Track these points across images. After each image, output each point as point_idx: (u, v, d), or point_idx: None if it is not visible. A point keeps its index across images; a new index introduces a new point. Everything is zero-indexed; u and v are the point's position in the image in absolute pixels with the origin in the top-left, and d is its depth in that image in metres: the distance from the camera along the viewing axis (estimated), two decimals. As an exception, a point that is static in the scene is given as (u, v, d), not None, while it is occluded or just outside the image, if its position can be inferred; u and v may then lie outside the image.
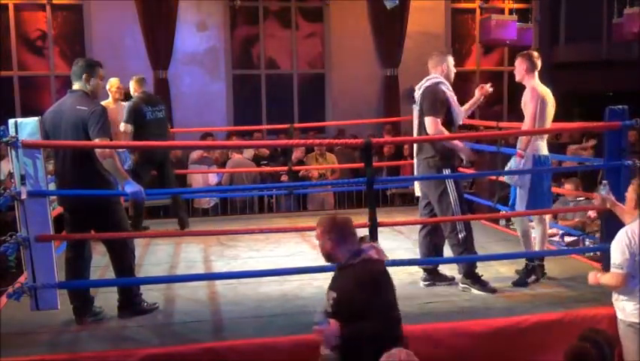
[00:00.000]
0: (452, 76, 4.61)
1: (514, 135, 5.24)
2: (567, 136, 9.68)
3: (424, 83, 4.58)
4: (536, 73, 4.54)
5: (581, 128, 8.76)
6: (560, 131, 8.59)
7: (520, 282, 4.52)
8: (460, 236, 4.44)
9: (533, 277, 4.53)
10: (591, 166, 6.29)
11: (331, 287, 3.00)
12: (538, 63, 4.55)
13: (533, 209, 4.54)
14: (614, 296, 3.57)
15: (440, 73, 4.56)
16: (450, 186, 4.45)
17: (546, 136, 4.67)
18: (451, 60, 4.62)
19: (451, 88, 4.56)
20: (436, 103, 4.43)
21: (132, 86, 6.46)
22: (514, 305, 4.12)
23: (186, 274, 4.98)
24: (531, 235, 4.65)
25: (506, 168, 4.66)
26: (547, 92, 4.52)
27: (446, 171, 4.48)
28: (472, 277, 4.46)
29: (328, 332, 2.72)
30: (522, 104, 4.55)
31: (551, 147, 4.96)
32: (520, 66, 4.54)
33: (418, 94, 4.63)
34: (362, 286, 2.81)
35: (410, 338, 3.52)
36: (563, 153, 8.08)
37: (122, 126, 6.18)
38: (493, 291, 4.40)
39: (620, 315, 3.53)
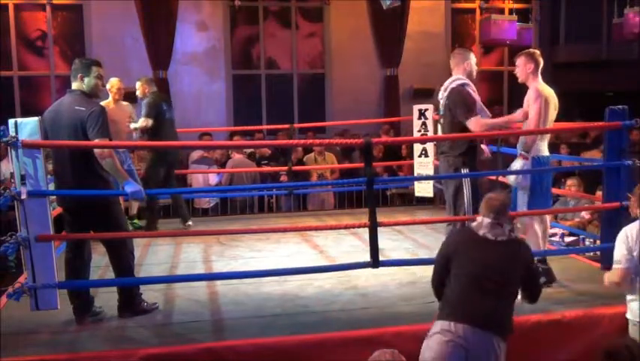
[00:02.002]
0: (475, 74, 4.63)
1: (514, 135, 5.23)
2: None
3: (450, 84, 4.57)
4: (539, 73, 4.49)
5: (581, 129, 8.77)
6: (560, 131, 8.58)
7: None
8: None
9: (544, 279, 4.50)
10: (591, 166, 6.29)
11: None
12: (541, 62, 4.50)
13: (534, 209, 4.53)
14: (627, 297, 3.59)
15: (462, 72, 4.57)
16: (466, 185, 4.46)
17: (547, 137, 4.62)
18: (473, 57, 4.62)
19: (474, 88, 4.58)
20: (467, 104, 4.46)
21: (141, 86, 6.47)
22: (514, 305, 4.11)
23: (186, 274, 4.98)
24: (537, 233, 4.55)
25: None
26: (550, 93, 4.45)
27: (464, 171, 4.48)
28: None
29: None
30: (524, 105, 4.49)
31: (551, 147, 4.94)
32: (525, 66, 4.45)
33: (443, 95, 4.63)
34: None
35: (410, 337, 3.54)
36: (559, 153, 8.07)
37: (143, 121, 6.21)
38: None
39: (629, 315, 3.56)
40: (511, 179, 4.62)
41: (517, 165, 4.47)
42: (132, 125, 6.28)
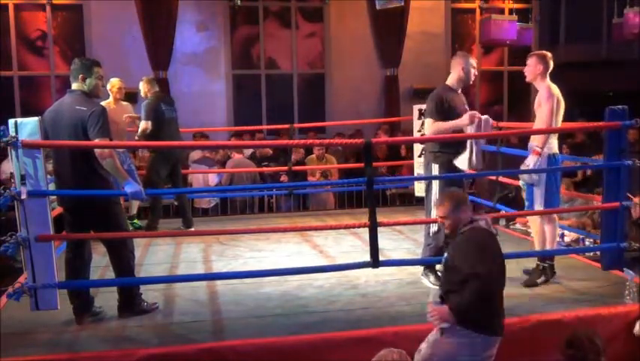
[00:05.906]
0: (469, 79, 4.71)
1: (514, 135, 5.23)
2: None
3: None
4: (548, 74, 4.51)
5: (580, 129, 8.75)
6: (561, 131, 8.58)
7: (531, 283, 4.50)
8: (431, 230, 4.54)
9: (543, 278, 4.51)
10: (591, 166, 6.29)
11: (447, 250, 3.34)
12: (552, 65, 4.53)
13: (548, 208, 4.51)
14: None
15: (454, 78, 4.69)
16: (434, 182, 4.55)
17: (557, 136, 4.61)
18: (470, 63, 4.67)
19: (460, 95, 4.74)
20: (431, 107, 4.64)
21: (143, 87, 6.49)
22: (515, 305, 4.11)
23: (186, 274, 4.98)
24: (546, 233, 4.58)
25: (522, 167, 4.54)
26: (559, 92, 4.48)
27: (435, 166, 4.56)
28: (429, 269, 4.60)
29: (441, 313, 3.07)
30: (535, 104, 4.51)
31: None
32: (535, 67, 4.49)
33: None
34: (467, 251, 3.12)
35: (410, 337, 3.54)
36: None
37: (143, 124, 6.23)
38: None
39: None
40: (524, 177, 4.58)
41: (530, 161, 4.41)
42: (135, 137, 6.32)
